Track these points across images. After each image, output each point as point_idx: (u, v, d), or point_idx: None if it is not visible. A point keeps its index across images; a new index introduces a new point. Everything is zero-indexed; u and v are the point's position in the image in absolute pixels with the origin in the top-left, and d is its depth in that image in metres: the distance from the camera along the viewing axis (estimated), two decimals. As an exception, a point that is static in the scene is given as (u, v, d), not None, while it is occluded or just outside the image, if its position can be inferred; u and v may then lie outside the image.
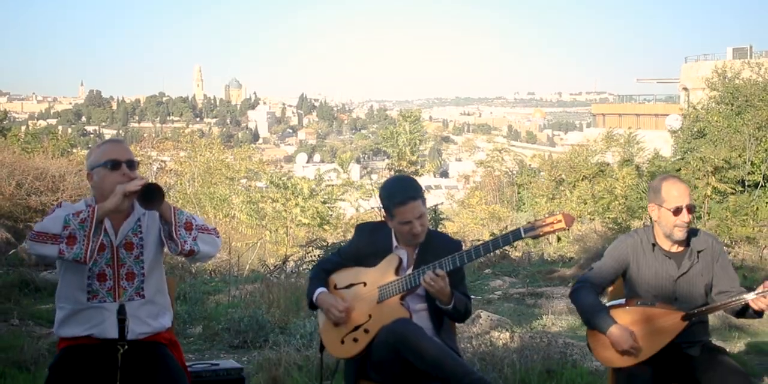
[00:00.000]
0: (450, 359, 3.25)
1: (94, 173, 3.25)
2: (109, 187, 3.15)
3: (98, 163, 3.24)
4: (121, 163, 3.22)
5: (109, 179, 3.19)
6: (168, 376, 3.12)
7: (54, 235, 3.05)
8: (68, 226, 3.05)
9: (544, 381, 4.90)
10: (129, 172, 3.22)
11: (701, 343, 3.52)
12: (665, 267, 3.52)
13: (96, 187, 3.26)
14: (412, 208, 3.41)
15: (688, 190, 3.51)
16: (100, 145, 3.38)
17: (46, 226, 3.07)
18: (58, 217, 3.08)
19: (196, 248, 3.20)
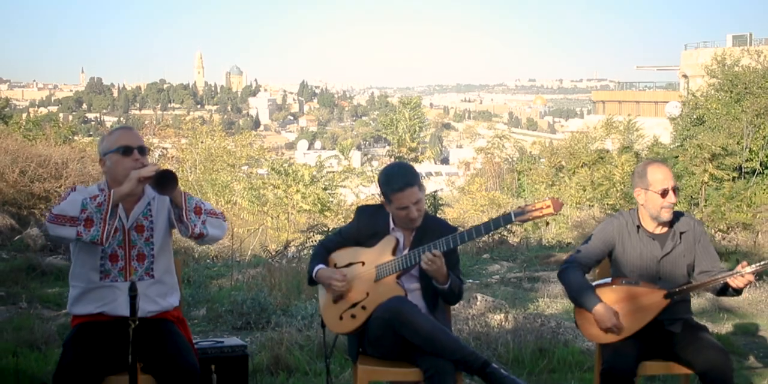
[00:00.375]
0: (443, 335, 3.43)
1: (107, 159, 3.42)
2: (122, 172, 3.32)
3: (111, 149, 3.40)
4: (133, 149, 3.38)
5: (121, 164, 3.35)
6: (176, 350, 3.31)
7: (72, 217, 3.21)
8: (85, 209, 3.21)
9: (537, 359, 5.09)
10: (140, 157, 3.38)
11: (683, 321, 3.69)
12: (649, 248, 3.70)
13: (109, 172, 3.42)
14: (409, 194, 3.57)
15: (671, 173, 3.68)
16: (112, 131, 3.54)
17: (65, 209, 3.23)
18: (76, 201, 3.24)
19: (205, 231, 3.37)
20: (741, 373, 5.19)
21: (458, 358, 3.38)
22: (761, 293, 7.87)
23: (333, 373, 4.58)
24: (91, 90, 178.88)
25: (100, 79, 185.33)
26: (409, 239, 3.70)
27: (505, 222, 3.43)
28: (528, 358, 5.05)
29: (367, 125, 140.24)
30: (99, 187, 3.45)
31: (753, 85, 23.26)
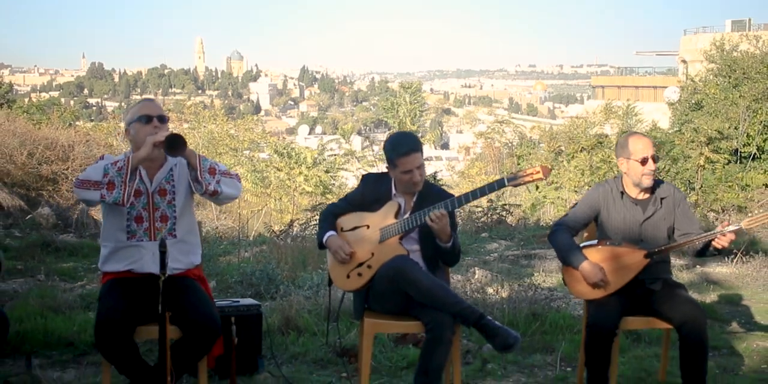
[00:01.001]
0: (442, 290, 3.76)
1: (131, 128, 3.74)
2: (143, 139, 3.64)
3: (134, 119, 3.72)
4: (153, 118, 3.70)
5: (142, 132, 3.67)
6: (199, 304, 3.63)
7: (96, 181, 3.54)
8: (107, 174, 3.54)
9: (530, 322, 5.43)
10: (159, 125, 3.70)
11: (663, 280, 4.02)
12: (632, 212, 4.02)
13: (132, 141, 3.74)
14: (414, 158, 3.88)
15: (650, 142, 4.00)
16: (134, 104, 3.86)
17: (89, 175, 3.55)
18: (99, 167, 3.57)
19: (219, 189, 3.68)
20: (722, 337, 5.53)
21: (456, 311, 3.71)
22: (748, 267, 8.20)
23: (340, 332, 4.91)
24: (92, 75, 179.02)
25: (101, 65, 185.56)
26: (410, 204, 4.02)
27: (498, 186, 3.75)
28: (522, 322, 5.39)
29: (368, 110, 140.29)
30: (126, 155, 3.78)
31: (751, 70, 23.18)
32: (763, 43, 26.39)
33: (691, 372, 3.77)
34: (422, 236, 3.95)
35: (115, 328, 3.46)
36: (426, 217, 3.77)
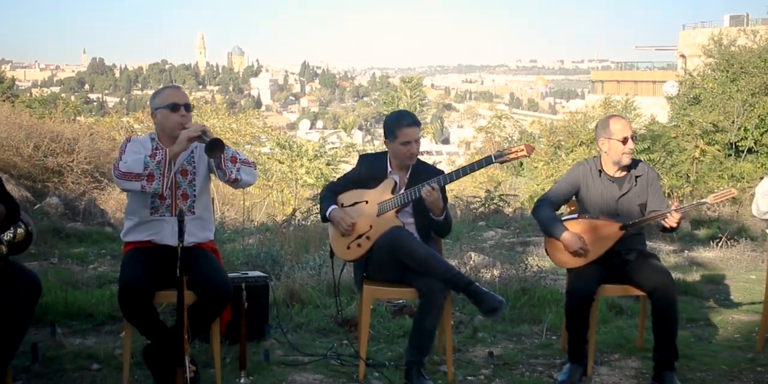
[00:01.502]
0: (434, 258, 4.09)
1: (158, 113, 4.06)
2: (170, 125, 3.99)
3: (161, 105, 4.04)
4: (180, 106, 4.04)
5: (170, 119, 4.01)
6: (212, 271, 3.97)
7: (137, 174, 3.87)
8: (147, 167, 3.86)
9: (519, 297, 5.78)
10: (186, 113, 4.04)
11: (638, 251, 4.36)
12: (609, 189, 4.37)
13: (159, 125, 4.07)
14: (414, 131, 4.25)
15: (629, 124, 4.35)
16: (163, 89, 4.17)
17: (131, 168, 3.87)
18: (139, 160, 3.87)
19: (239, 177, 4.01)
20: (701, 311, 5.89)
21: (447, 278, 4.05)
22: (732, 251, 8.56)
23: (341, 304, 5.26)
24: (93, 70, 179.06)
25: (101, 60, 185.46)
26: (404, 180, 4.36)
27: (486, 163, 4.09)
28: (511, 296, 5.74)
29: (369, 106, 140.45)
30: (150, 136, 4.10)
31: (749, 65, 23.44)
32: (760, 38, 26.61)
33: (662, 333, 4.11)
34: (416, 210, 4.30)
35: (137, 292, 3.80)
36: (420, 192, 4.11)
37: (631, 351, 4.75)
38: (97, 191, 16.51)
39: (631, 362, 4.58)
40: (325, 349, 4.67)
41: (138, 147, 4.02)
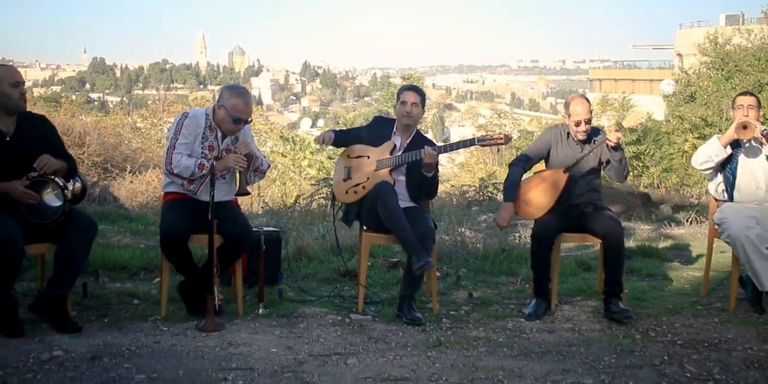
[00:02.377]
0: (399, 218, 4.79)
1: (222, 111, 4.78)
2: (226, 127, 4.79)
3: (229, 111, 4.74)
4: (242, 122, 4.80)
5: (229, 125, 4.78)
6: (236, 219, 4.77)
7: (184, 177, 4.71)
8: (194, 176, 4.70)
9: (499, 255, 6.59)
10: (240, 126, 4.81)
11: (594, 205, 5.15)
12: (574, 150, 5.14)
13: (217, 118, 4.80)
14: (412, 95, 5.08)
15: (587, 107, 5.10)
16: (238, 94, 4.81)
17: (181, 172, 4.69)
18: (189, 168, 4.67)
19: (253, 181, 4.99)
20: (661, 269, 6.65)
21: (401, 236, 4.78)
22: (701, 227, 9.31)
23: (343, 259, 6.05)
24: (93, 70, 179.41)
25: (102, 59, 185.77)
26: (404, 144, 5.15)
27: (470, 143, 4.92)
28: (492, 254, 6.55)
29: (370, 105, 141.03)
30: (206, 111, 4.86)
31: (743, 63, 23.96)
32: (755, 37, 27.13)
33: (611, 270, 4.91)
34: (409, 171, 5.09)
35: (176, 235, 4.58)
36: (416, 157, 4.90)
37: (591, 294, 5.53)
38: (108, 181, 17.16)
39: (590, 303, 5.36)
40: (329, 292, 5.45)
41: (192, 128, 4.78)
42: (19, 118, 4.48)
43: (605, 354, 4.19)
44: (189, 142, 4.77)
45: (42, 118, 4.77)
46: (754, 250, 4.89)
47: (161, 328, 4.51)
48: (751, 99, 5.27)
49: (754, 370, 3.94)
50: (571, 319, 4.95)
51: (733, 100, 5.45)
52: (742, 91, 5.59)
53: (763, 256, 4.89)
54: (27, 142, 4.41)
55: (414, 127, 5.22)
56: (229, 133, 4.83)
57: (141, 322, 4.60)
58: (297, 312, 4.95)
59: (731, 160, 5.26)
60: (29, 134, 4.47)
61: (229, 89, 4.89)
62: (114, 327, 4.49)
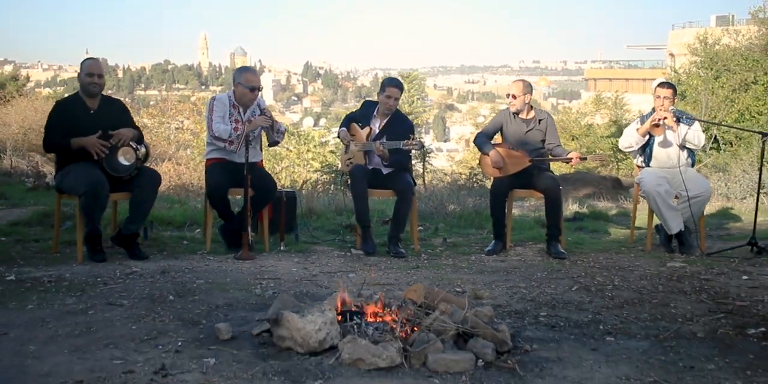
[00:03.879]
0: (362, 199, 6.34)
1: (239, 86, 6.28)
2: (245, 99, 6.27)
3: (245, 84, 6.25)
4: (256, 89, 6.29)
5: (247, 95, 6.26)
6: (266, 174, 6.29)
7: (224, 139, 6.17)
8: (231, 136, 6.17)
9: (472, 213, 8.08)
10: (257, 93, 6.30)
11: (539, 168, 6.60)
12: (520, 126, 6.61)
13: (237, 93, 6.29)
14: (395, 91, 6.53)
15: (517, 86, 6.59)
16: (245, 72, 6.39)
17: (221, 134, 6.18)
18: (227, 130, 6.17)
19: (279, 140, 6.45)
20: (605, 228, 8.09)
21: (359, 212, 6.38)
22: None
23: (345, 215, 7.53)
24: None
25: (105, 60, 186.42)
26: (382, 125, 6.61)
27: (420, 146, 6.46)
28: (465, 213, 8.05)
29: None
30: (228, 95, 6.35)
31: (731, 63, 24.94)
32: (742, 38, 28.13)
33: (550, 217, 6.40)
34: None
35: (218, 187, 6.06)
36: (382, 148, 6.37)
37: (540, 241, 6.98)
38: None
39: (538, 245, 6.83)
40: (334, 238, 6.94)
41: (221, 107, 6.29)
42: (101, 99, 5.96)
43: (539, 272, 5.67)
44: (222, 115, 6.28)
45: (118, 101, 6.26)
46: (662, 202, 6.36)
47: (207, 258, 5.98)
48: (668, 91, 6.70)
49: (646, 280, 5.38)
50: (521, 255, 6.44)
51: (654, 89, 6.89)
52: (661, 83, 7.00)
53: (670, 207, 6.37)
54: (106, 115, 5.90)
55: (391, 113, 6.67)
56: (250, 102, 6.30)
57: (191, 255, 6.08)
58: (310, 249, 6.44)
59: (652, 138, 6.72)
60: (107, 110, 5.95)
61: (237, 70, 6.46)
62: (172, 257, 5.97)
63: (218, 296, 4.66)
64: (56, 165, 5.97)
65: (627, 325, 4.25)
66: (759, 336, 4.06)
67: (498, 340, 3.64)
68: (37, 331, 3.86)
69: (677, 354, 3.76)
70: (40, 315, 4.16)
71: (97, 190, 5.55)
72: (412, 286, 4.12)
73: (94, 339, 3.75)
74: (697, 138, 6.58)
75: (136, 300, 4.53)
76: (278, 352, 3.58)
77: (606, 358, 3.66)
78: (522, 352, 3.70)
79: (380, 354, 3.41)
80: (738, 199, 10.98)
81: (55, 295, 4.61)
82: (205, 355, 3.52)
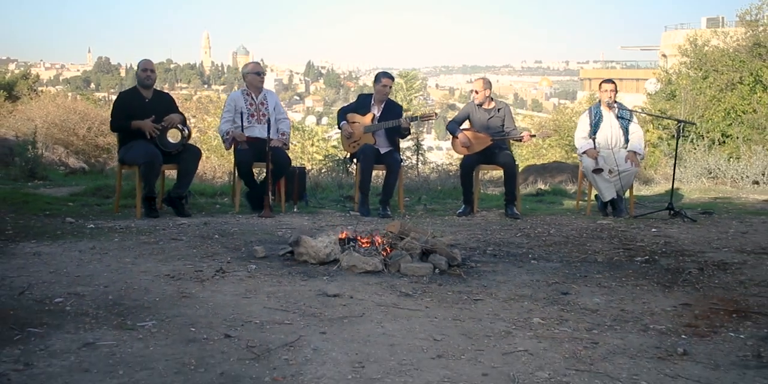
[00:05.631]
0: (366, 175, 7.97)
1: (249, 76, 7.96)
2: (254, 83, 7.95)
3: (251, 72, 7.95)
4: (261, 73, 7.93)
5: (255, 80, 7.94)
6: (283, 152, 7.89)
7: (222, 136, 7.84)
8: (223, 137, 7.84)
9: (451, 189, 9.70)
10: (262, 77, 7.95)
11: (500, 147, 8.22)
12: (483, 115, 8.25)
13: (247, 81, 7.98)
14: (389, 81, 8.22)
15: (479, 83, 8.23)
16: (249, 64, 8.14)
17: (221, 133, 7.89)
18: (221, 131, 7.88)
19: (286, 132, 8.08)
20: (561, 201, 9.71)
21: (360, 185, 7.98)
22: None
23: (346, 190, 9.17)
24: (98, 69, 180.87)
25: (107, 59, 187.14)
26: (380, 110, 8.23)
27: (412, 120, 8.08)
28: (446, 189, 9.67)
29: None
30: (242, 90, 8.00)
31: (718, 63, 25.39)
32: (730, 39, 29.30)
33: (507, 187, 8.07)
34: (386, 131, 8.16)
35: (245, 162, 7.70)
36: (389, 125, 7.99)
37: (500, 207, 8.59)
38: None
39: (500, 211, 8.45)
40: (337, 204, 8.59)
41: (231, 102, 8.04)
42: (154, 91, 7.60)
43: (494, 226, 7.31)
44: (229, 110, 7.98)
45: (167, 93, 7.97)
46: (596, 177, 7.99)
47: (237, 216, 7.62)
48: (611, 86, 8.33)
49: (575, 231, 7.01)
50: (484, 216, 8.08)
51: (600, 85, 8.50)
52: (605, 80, 8.62)
53: (604, 180, 8.00)
54: (157, 103, 7.57)
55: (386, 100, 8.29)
56: (259, 84, 8.03)
57: (224, 214, 7.73)
58: (317, 212, 8.09)
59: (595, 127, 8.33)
60: (158, 100, 7.61)
61: (244, 66, 8.24)
62: (209, 215, 7.62)
63: (251, 236, 6.30)
64: (119, 142, 7.63)
65: (549, 255, 5.90)
66: (642, 261, 5.70)
67: (450, 256, 5.27)
68: (127, 252, 5.50)
69: (578, 270, 5.40)
70: (125, 244, 5.81)
71: (153, 161, 7.19)
72: (391, 223, 5.76)
73: (168, 256, 5.40)
74: (637, 131, 8.24)
75: (191, 237, 6.17)
76: (298, 264, 5.22)
77: (527, 271, 5.30)
78: (468, 267, 5.34)
79: (368, 262, 5.05)
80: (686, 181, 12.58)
81: (130, 235, 6.26)
82: (248, 265, 5.16)
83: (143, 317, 3.85)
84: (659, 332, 3.95)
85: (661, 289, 4.90)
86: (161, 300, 4.19)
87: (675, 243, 6.42)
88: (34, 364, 3.14)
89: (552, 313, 4.26)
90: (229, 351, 3.38)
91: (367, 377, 3.13)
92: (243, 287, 4.55)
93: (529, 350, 3.57)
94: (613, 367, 3.38)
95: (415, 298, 4.49)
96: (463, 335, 3.77)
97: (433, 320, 4.01)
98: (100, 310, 3.95)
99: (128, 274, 4.80)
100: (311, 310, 4.10)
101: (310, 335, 3.65)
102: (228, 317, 3.89)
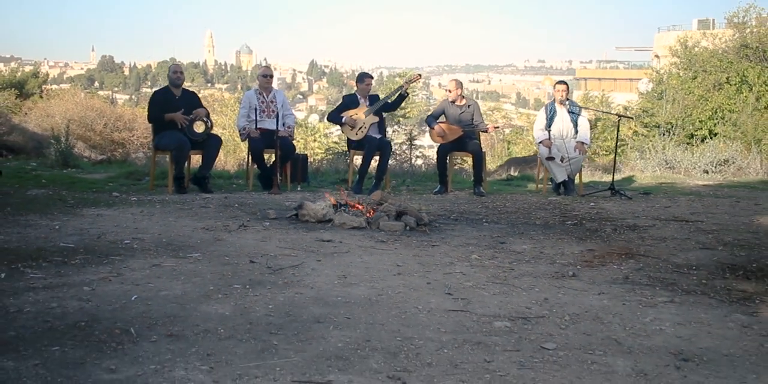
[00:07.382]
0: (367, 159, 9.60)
1: (259, 78, 9.63)
2: (261, 84, 9.56)
3: (260, 75, 9.61)
4: (268, 75, 9.55)
5: (264, 81, 9.59)
6: (289, 141, 9.49)
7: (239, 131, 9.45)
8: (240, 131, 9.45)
9: (432, 176, 11.27)
10: (269, 78, 9.58)
11: (469, 137, 9.80)
12: (456, 110, 9.84)
13: (259, 83, 9.62)
14: (371, 80, 9.91)
15: (452, 84, 9.83)
16: (260, 68, 9.74)
17: (238, 128, 9.49)
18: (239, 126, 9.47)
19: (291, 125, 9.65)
20: (524, 184, 11.27)
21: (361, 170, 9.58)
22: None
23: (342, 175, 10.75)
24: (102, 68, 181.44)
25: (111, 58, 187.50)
26: (367, 102, 9.84)
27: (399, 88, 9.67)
28: (431, 172, 11.25)
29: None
30: (255, 89, 9.62)
31: (707, 64, 26.31)
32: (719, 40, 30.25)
33: (476, 171, 9.66)
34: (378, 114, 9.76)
35: (258, 149, 9.29)
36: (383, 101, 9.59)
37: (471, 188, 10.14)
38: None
39: (470, 190, 10.01)
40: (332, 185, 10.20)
41: (246, 99, 9.62)
42: (183, 90, 9.20)
43: (461, 201, 8.88)
44: (245, 107, 9.56)
45: (193, 92, 9.51)
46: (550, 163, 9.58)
47: (251, 193, 9.19)
48: (563, 87, 9.93)
49: (527, 205, 8.57)
50: (456, 195, 9.67)
51: (554, 85, 10.06)
52: (559, 81, 10.25)
53: (557, 165, 9.58)
54: (185, 100, 9.16)
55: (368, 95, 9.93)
56: (267, 85, 9.64)
57: (240, 192, 9.31)
58: (317, 191, 9.68)
59: (550, 120, 9.91)
60: (186, 97, 9.20)
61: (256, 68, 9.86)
62: (227, 192, 9.20)
63: (263, 205, 7.90)
64: (153, 132, 9.21)
65: (499, 220, 7.48)
66: (571, 224, 7.28)
67: (419, 216, 6.86)
68: (169, 215, 7.09)
69: (518, 229, 6.98)
70: (165, 210, 7.40)
71: (182, 146, 8.78)
72: (374, 192, 7.36)
73: (201, 216, 7.00)
74: (584, 124, 9.81)
75: (217, 206, 7.77)
76: (301, 222, 6.82)
77: (478, 230, 6.88)
78: (433, 226, 6.92)
79: (355, 220, 6.64)
80: (645, 170, 14.15)
81: (167, 204, 7.85)
82: (263, 222, 6.76)
83: (191, 251, 5.43)
84: (562, 265, 5.51)
85: (577, 241, 6.47)
86: (201, 242, 5.77)
87: (604, 213, 7.99)
88: (123, 274, 4.71)
89: (487, 253, 5.83)
90: (254, 269, 4.95)
91: (348, 283, 4.70)
92: (261, 235, 6.14)
93: (463, 272, 5.14)
94: (520, 282, 4.94)
95: (388, 243, 6.07)
96: (418, 264, 5.35)
97: (398, 255, 5.59)
98: (159, 248, 5.53)
99: (173, 227, 6.39)
100: (311, 248, 5.69)
101: (309, 262, 5.22)
102: (251, 252, 5.48)
